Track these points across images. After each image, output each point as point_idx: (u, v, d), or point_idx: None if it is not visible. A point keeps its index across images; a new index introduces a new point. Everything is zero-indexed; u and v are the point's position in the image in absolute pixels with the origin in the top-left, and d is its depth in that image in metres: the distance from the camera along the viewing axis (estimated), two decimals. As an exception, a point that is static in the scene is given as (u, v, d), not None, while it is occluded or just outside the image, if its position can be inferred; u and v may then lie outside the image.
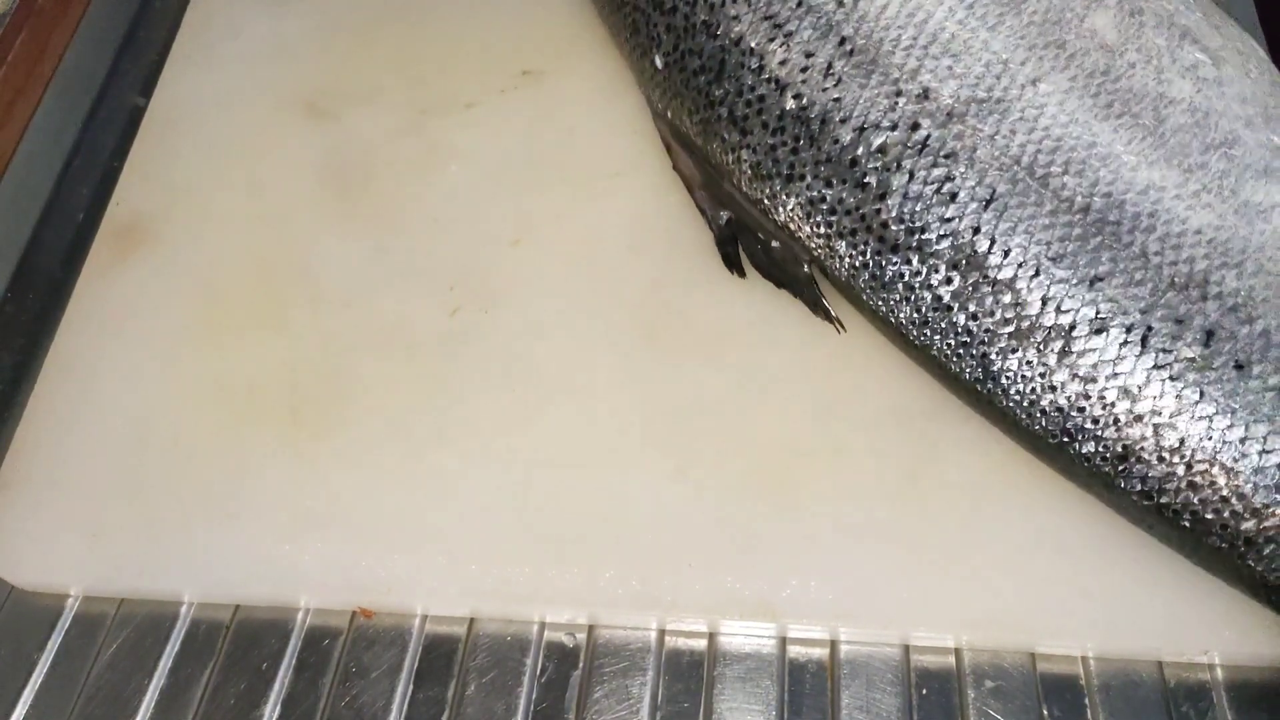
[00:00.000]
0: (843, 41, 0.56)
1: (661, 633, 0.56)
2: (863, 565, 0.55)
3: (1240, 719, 0.52)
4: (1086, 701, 0.53)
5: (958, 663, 0.54)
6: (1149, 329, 0.51)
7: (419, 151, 0.71)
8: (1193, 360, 0.50)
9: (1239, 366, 0.50)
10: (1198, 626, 0.53)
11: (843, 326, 0.61)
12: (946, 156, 0.54)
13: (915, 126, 0.54)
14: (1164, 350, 0.50)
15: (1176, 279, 0.51)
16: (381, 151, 0.71)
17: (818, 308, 0.61)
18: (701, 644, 0.56)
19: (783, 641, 0.55)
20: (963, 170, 0.53)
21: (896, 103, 0.55)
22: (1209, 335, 0.50)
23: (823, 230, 0.57)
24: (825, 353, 0.61)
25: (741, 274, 0.63)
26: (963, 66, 0.55)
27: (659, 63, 0.64)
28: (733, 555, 0.55)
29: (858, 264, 0.57)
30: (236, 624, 0.58)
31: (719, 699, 0.54)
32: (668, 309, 0.63)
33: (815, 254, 0.59)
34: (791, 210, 0.58)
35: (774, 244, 0.61)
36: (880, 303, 0.57)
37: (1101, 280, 0.51)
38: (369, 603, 0.57)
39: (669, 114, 0.65)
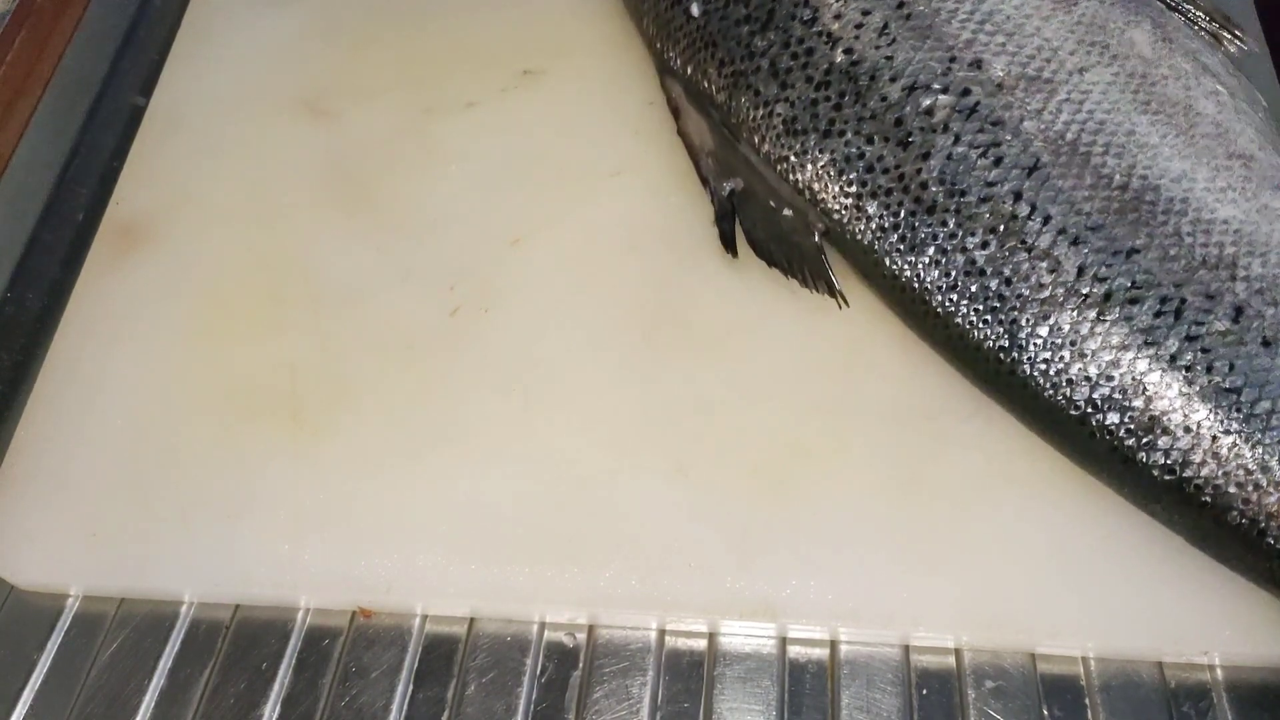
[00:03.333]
0: (901, 5, 0.58)
1: (661, 633, 0.56)
2: (863, 565, 0.55)
3: (1240, 719, 0.52)
4: (1087, 702, 0.53)
5: (958, 663, 0.54)
6: (1183, 300, 0.52)
7: (419, 151, 0.71)
8: (1224, 333, 0.51)
9: (1266, 343, 0.51)
10: (1198, 626, 0.53)
11: (845, 301, 0.61)
12: (994, 123, 0.55)
13: (966, 92, 0.56)
14: (1197, 322, 0.51)
15: (1208, 259, 0.52)
16: (382, 151, 0.71)
17: (820, 280, 0.61)
18: (701, 644, 0.56)
19: (783, 641, 0.55)
20: (1009, 138, 0.55)
21: (950, 68, 0.56)
22: (1238, 311, 0.52)
23: (854, 189, 0.58)
24: (825, 352, 0.61)
25: (735, 253, 0.63)
26: (1015, 45, 0.57)
27: (695, 10, 0.65)
28: (733, 555, 0.55)
29: (887, 225, 0.57)
30: (236, 624, 0.58)
31: (719, 699, 0.54)
32: (667, 308, 0.63)
33: (836, 216, 0.59)
34: (822, 168, 0.59)
35: (785, 212, 0.61)
36: (905, 266, 0.57)
37: (1138, 252, 0.53)
38: (369, 603, 0.57)
39: (689, 69, 0.66)
